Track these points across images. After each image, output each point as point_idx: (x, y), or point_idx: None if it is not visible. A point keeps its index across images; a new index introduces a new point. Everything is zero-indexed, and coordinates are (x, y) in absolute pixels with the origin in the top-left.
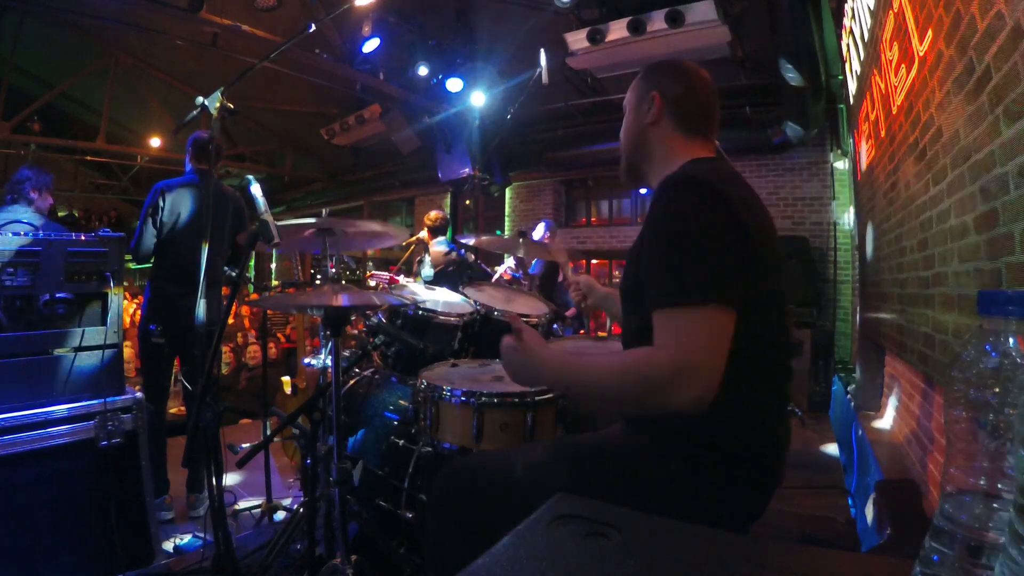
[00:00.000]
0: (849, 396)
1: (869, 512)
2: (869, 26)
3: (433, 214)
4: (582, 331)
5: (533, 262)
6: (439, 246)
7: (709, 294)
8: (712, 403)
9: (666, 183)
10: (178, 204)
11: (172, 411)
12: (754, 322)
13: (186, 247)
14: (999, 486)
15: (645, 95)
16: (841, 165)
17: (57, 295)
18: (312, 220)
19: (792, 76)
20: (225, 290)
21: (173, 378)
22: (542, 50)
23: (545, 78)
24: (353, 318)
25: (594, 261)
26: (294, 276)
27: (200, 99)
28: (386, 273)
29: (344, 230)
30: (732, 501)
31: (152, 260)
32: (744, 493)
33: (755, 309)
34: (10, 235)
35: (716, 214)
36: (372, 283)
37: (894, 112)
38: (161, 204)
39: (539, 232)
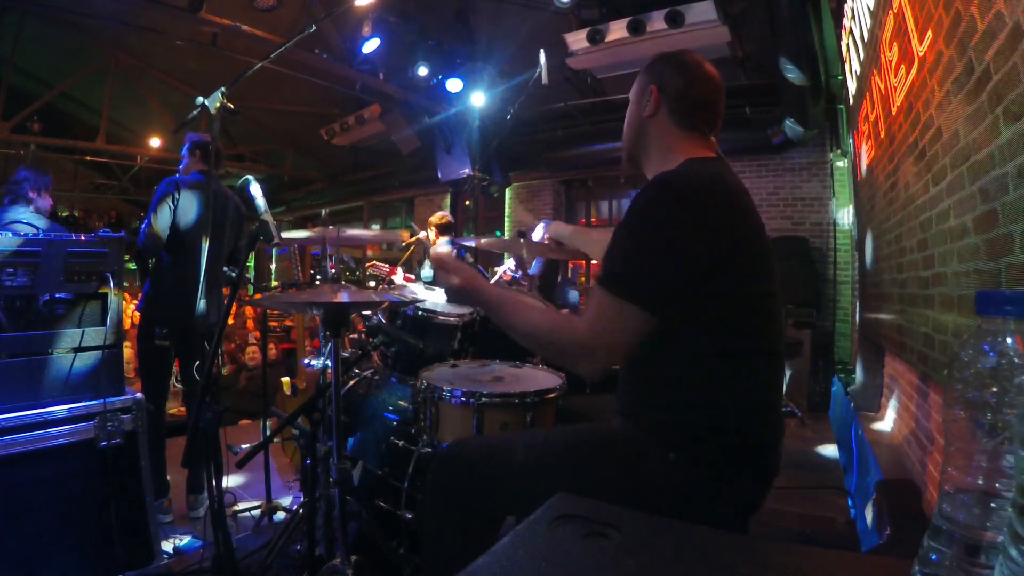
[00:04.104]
0: (849, 396)
1: (869, 512)
2: (869, 26)
3: (445, 215)
4: None
5: (533, 262)
6: (442, 246)
7: (639, 295)
8: (707, 396)
9: (657, 179)
10: (189, 201)
11: (172, 411)
12: (741, 319)
13: (192, 246)
14: (997, 485)
15: (645, 87)
16: (841, 165)
17: (57, 295)
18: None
19: (793, 75)
20: (225, 290)
21: (173, 378)
22: (542, 50)
23: (545, 78)
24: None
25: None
26: (294, 276)
27: (200, 99)
28: (386, 265)
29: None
30: (730, 492)
31: (154, 257)
32: (741, 484)
33: (741, 307)
34: (10, 235)
35: (684, 225)
36: (372, 277)
37: (894, 112)
38: (176, 196)
39: (539, 233)
